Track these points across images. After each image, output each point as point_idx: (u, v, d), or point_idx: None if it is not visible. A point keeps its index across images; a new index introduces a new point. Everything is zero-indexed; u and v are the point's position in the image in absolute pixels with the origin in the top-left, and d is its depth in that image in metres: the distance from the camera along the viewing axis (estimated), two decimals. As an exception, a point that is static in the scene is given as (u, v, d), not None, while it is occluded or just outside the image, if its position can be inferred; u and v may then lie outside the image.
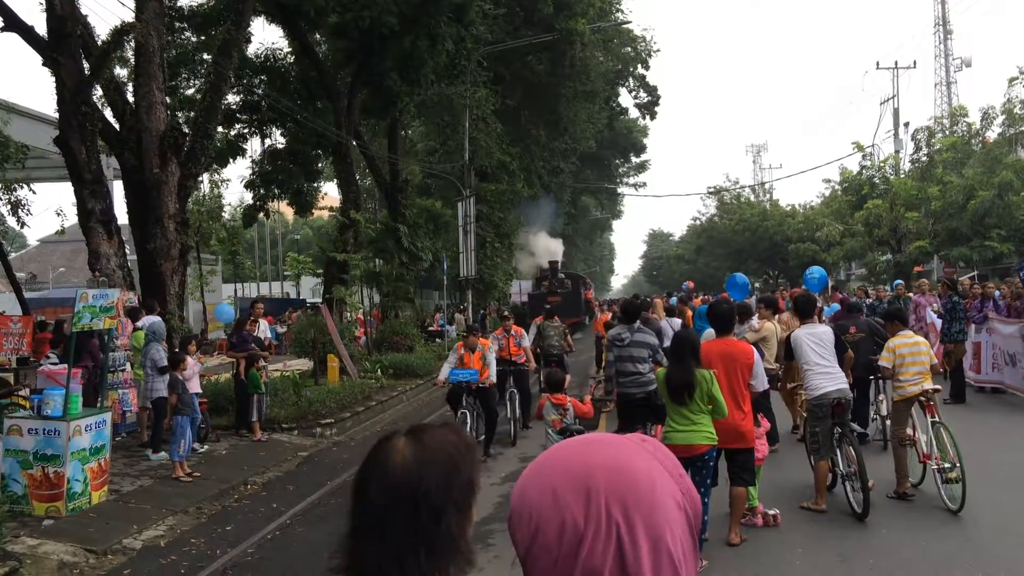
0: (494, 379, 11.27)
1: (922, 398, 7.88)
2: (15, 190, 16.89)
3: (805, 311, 8.29)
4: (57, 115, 13.10)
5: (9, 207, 17.14)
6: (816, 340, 7.73)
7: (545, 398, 8.55)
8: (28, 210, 16.92)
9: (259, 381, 12.27)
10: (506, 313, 14.34)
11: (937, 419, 7.76)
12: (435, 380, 12.33)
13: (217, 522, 8.54)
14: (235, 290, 42.16)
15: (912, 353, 7.96)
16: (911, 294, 18.84)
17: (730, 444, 6.76)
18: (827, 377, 7.56)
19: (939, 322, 14.71)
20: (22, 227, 17.87)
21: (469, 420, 10.61)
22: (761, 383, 6.91)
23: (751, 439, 6.94)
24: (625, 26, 39.78)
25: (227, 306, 16.45)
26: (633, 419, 8.82)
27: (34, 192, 17.82)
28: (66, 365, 8.82)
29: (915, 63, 59.95)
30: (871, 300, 17.15)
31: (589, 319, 37.58)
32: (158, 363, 10.63)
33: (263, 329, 13.44)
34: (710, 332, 8.09)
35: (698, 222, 66.22)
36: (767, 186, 63.03)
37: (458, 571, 1.33)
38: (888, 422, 9.74)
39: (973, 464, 7.55)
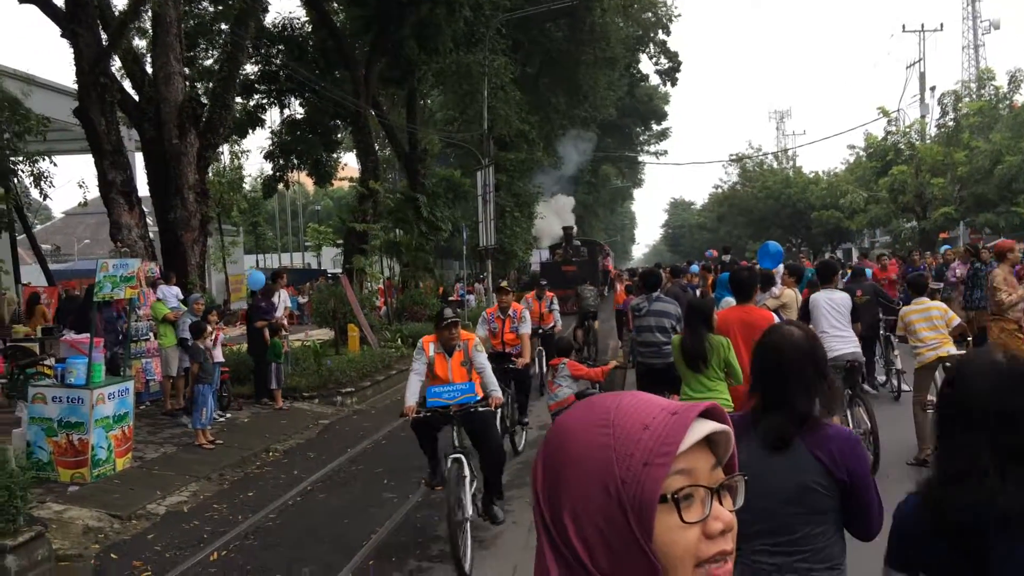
0: (499, 395, 6.64)
1: (947, 363, 7.83)
2: (37, 162, 17.06)
3: (825, 276, 8.43)
4: (76, 87, 13.16)
5: (32, 179, 17.33)
6: (833, 305, 7.88)
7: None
8: (51, 182, 17.12)
9: (280, 349, 12.33)
10: (503, 284, 10.19)
11: None
12: (403, 409, 6.38)
13: (239, 488, 8.65)
14: (256, 261, 42.41)
15: (924, 319, 8.06)
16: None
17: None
18: (841, 340, 7.79)
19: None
20: (45, 199, 18.04)
21: (468, 473, 6.22)
22: (779, 350, 6.87)
23: (769, 406, 6.93)
24: (645, -9, 39.28)
25: (259, 273, 16.50)
26: (652, 388, 8.80)
27: (55, 164, 17.99)
28: (88, 335, 8.91)
29: (942, 26, 58.63)
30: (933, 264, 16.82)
31: (608, 290, 36.97)
32: (180, 334, 10.70)
33: (283, 299, 13.50)
34: (729, 300, 8.05)
35: (720, 190, 65.66)
36: (790, 153, 62.28)
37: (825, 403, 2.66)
38: (902, 376, 10.79)
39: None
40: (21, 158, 16.85)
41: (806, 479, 2.54)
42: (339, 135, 25.78)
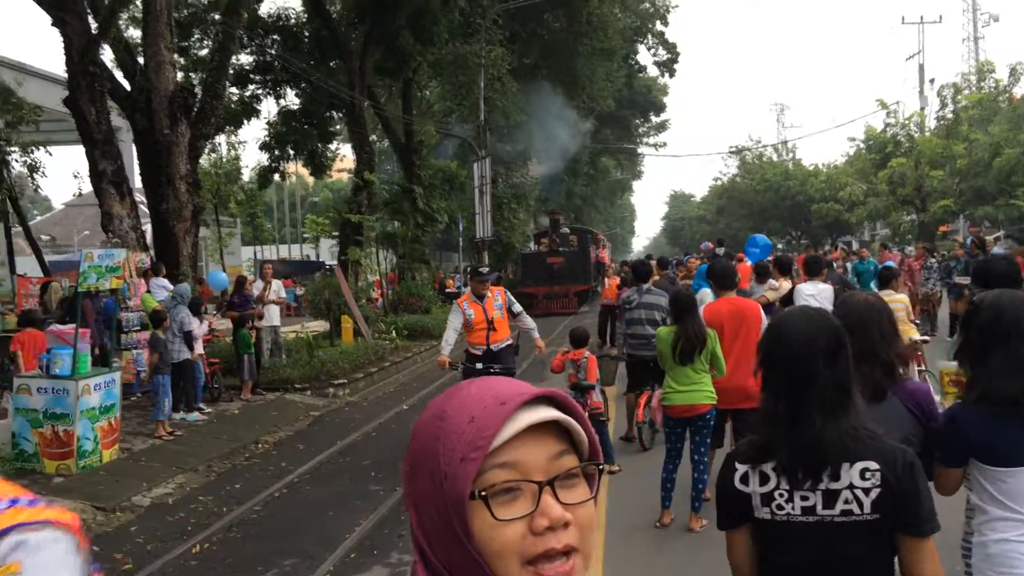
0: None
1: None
2: (32, 152, 17.00)
3: (812, 270, 8.71)
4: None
5: (27, 169, 17.28)
6: (815, 298, 7.92)
7: (560, 355, 8.38)
8: (43, 172, 17.06)
9: (249, 340, 12.20)
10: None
11: (923, 368, 8.09)
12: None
13: (226, 480, 8.61)
14: (255, 252, 42.31)
15: None
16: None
17: (738, 404, 6.65)
18: None
19: None
20: (36, 190, 17.95)
21: None
22: (767, 342, 6.83)
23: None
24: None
25: (220, 273, 16.57)
26: (642, 381, 8.77)
27: (50, 154, 17.91)
28: (74, 325, 8.86)
29: (941, 18, 58.46)
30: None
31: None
32: (184, 326, 10.57)
33: (275, 290, 13.46)
34: (706, 291, 8.03)
35: (719, 183, 65.58)
36: (790, 145, 62.09)
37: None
38: None
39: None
40: (15, 148, 16.80)
41: (904, 431, 2.70)
42: (337, 126, 25.69)
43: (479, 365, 7.95)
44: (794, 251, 43.35)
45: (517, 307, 8.49)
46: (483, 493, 0.86)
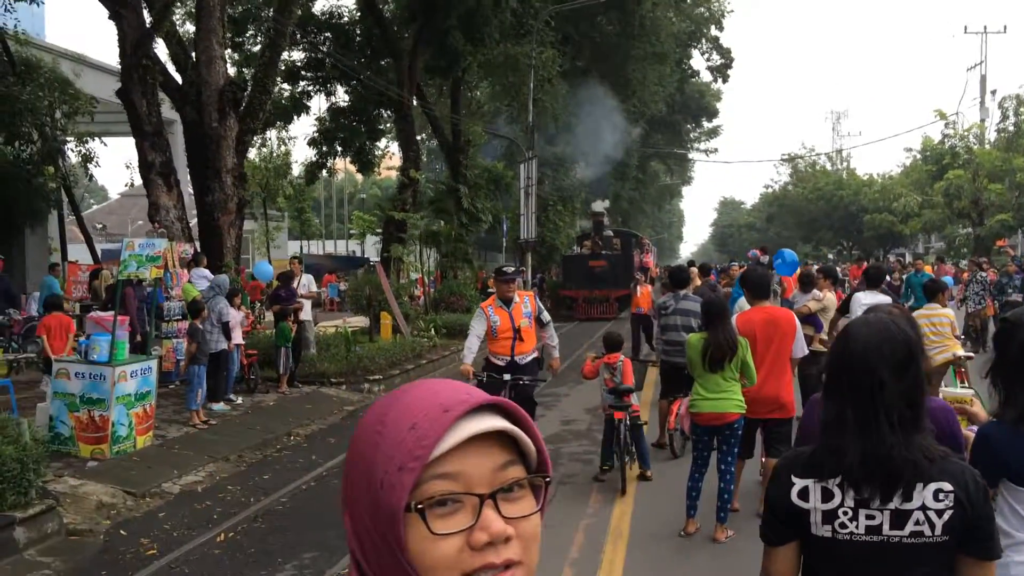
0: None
1: (954, 365, 8.09)
2: (86, 142, 17.44)
3: (872, 280, 8.69)
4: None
5: (81, 159, 17.73)
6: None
7: (589, 360, 8.27)
8: (97, 162, 17.48)
9: (288, 333, 12.29)
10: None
11: (967, 385, 7.94)
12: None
13: (256, 471, 8.69)
14: (301, 247, 42.79)
15: (928, 324, 8.19)
16: None
17: (770, 414, 6.54)
18: None
19: None
20: (90, 179, 18.40)
21: None
22: (801, 349, 6.67)
23: (792, 409, 6.72)
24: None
25: (266, 264, 16.76)
26: (675, 387, 8.66)
27: (105, 144, 18.35)
28: (113, 311, 9.01)
29: (1005, 28, 56.80)
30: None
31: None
32: (223, 317, 10.71)
33: (304, 284, 13.57)
34: (744, 300, 7.90)
35: (771, 190, 64.75)
36: (844, 154, 61.02)
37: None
38: None
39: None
40: (71, 138, 17.25)
41: None
42: (386, 124, 25.88)
43: (507, 377, 7.28)
44: (845, 262, 42.62)
45: (546, 316, 7.78)
46: (419, 506, 0.82)
